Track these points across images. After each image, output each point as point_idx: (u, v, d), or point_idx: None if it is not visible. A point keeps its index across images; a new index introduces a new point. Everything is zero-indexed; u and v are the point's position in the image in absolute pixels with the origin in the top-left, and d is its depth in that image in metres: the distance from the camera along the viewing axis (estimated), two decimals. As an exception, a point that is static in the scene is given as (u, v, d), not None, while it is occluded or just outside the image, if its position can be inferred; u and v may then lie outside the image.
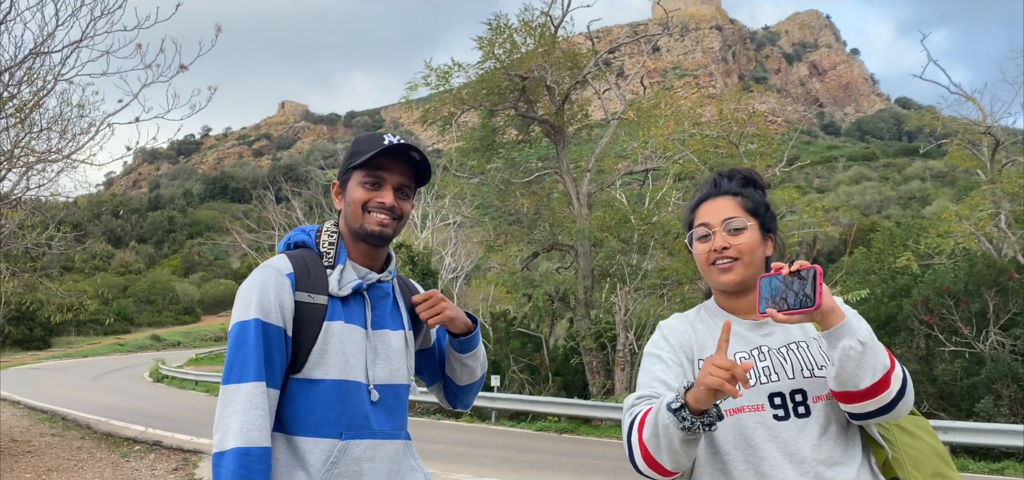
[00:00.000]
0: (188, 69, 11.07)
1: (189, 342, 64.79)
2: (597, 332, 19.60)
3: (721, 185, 2.13)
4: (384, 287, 2.22)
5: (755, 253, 2.04)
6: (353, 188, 2.15)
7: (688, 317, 2.18)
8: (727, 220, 2.04)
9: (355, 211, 2.14)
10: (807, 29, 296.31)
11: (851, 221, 48.76)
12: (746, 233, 2.03)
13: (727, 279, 2.03)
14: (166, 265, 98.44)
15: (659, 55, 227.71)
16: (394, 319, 2.22)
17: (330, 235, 2.19)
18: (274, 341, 1.98)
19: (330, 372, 2.02)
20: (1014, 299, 13.79)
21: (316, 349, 2.03)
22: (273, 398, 1.97)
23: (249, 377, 1.93)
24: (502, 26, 20.25)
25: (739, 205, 2.07)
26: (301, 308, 2.04)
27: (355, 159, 2.14)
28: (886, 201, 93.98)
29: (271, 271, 2.06)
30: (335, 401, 2.02)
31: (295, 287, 2.05)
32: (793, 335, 2.04)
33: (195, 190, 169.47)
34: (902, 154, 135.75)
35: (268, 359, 1.96)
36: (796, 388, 1.95)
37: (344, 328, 2.07)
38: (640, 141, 21.28)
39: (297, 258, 2.13)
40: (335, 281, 2.09)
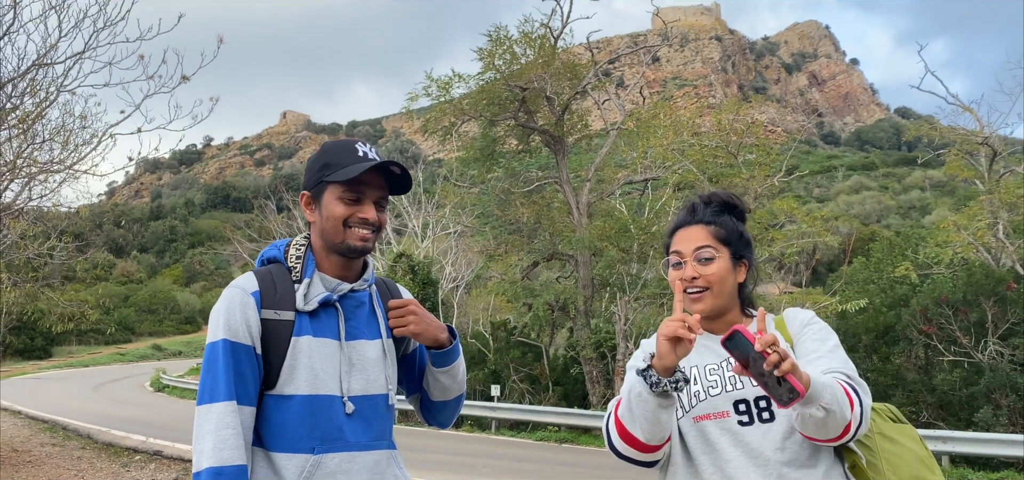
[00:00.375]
0: (190, 80, 11.13)
1: (190, 351, 64.74)
2: (597, 342, 19.62)
3: (697, 213, 2.19)
4: (359, 296, 2.19)
5: (724, 282, 2.12)
6: (331, 203, 2.12)
7: None
8: (698, 249, 2.11)
9: (335, 227, 2.11)
10: (806, 39, 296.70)
11: (851, 230, 48.76)
12: (715, 263, 2.10)
13: (697, 308, 2.10)
14: (167, 275, 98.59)
15: (659, 65, 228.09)
16: (370, 328, 2.19)
17: (298, 249, 2.18)
18: (244, 359, 2.00)
19: (300, 387, 2.03)
20: (1012, 309, 13.82)
21: (286, 365, 2.03)
22: (247, 415, 2.00)
23: (220, 397, 1.95)
24: (502, 37, 20.34)
25: (711, 234, 2.13)
26: (268, 325, 2.05)
27: (330, 172, 2.12)
28: (886, 211, 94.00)
29: (237, 291, 2.07)
30: (306, 416, 2.03)
31: (260, 305, 2.06)
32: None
33: (197, 200, 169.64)
34: (902, 164, 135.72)
35: (239, 377, 1.98)
36: (760, 395, 2.02)
37: (312, 342, 2.06)
38: (640, 151, 21.35)
39: (264, 275, 2.13)
40: (301, 296, 2.08)
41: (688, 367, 2.11)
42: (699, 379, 2.10)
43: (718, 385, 2.06)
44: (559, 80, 20.28)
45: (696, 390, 2.08)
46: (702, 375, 2.11)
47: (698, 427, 2.06)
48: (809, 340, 2.12)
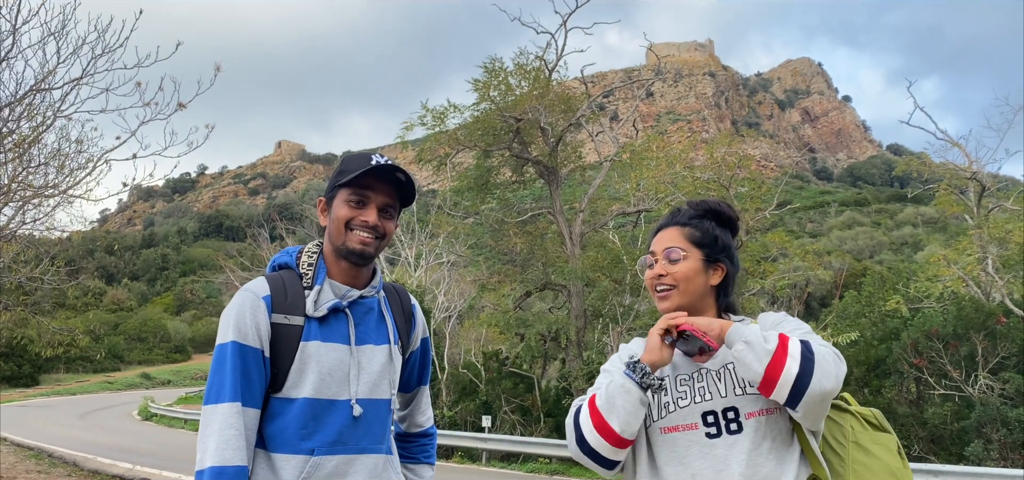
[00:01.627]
0: (186, 107, 11.20)
1: (179, 381, 64.16)
2: (589, 373, 19.56)
3: (676, 216, 2.25)
4: (368, 303, 2.25)
5: (691, 281, 2.15)
6: (338, 205, 2.20)
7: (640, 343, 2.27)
8: (668, 249, 2.17)
9: (338, 228, 2.18)
10: (799, 76, 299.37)
11: (843, 265, 48.91)
12: (683, 262, 2.15)
13: (663, 306, 2.16)
14: (158, 303, 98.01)
15: (653, 100, 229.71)
16: (378, 333, 2.26)
17: (310, 255, 2.25)
18: (252, 362, 2.06)
19: (304, 391, 2.08)
20: (1002, 343, 13.87)
21: (294, 369, 2.09)
22: (251, 417, 2.05)
23: (225, 397, 2.01)
24: (498, 69, 20.53)
25: (684, 235, 2.18)
26: (277, 330, 2.10)
27: (342, 177, 2.20)
28: (878, 246, 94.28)
29: (248, 294, 2.13)
30: (308, 419, 2.08)
31: (271, 309, 2.11)
32: (730, 357, 2.11)
33: (190, 228, 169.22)
34: (894, 200, 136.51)
35: (246, 379, 2.04)
36: (728, 406, 2.04)
37: (321, 347, 2.12)
38: (633, 183, 21.48)
39: (276, 280, 2.19)
40: (311, 302, 2.14)
41: (663, 376, 2.13)
42: (669, 390, 2.12)
43: (687, 396, 2.09)
44: (553, 112, 20.45)
45: (666, 401, 2.10)
46: (673, 386, 2.13)
47: (666, 438, 2.08)
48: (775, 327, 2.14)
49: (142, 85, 11.09)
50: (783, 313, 2.26)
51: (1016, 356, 13.93)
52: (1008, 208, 17.83)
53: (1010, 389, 13.41)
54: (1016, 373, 13.60)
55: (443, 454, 18.82)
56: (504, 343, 25.93)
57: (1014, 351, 13.88)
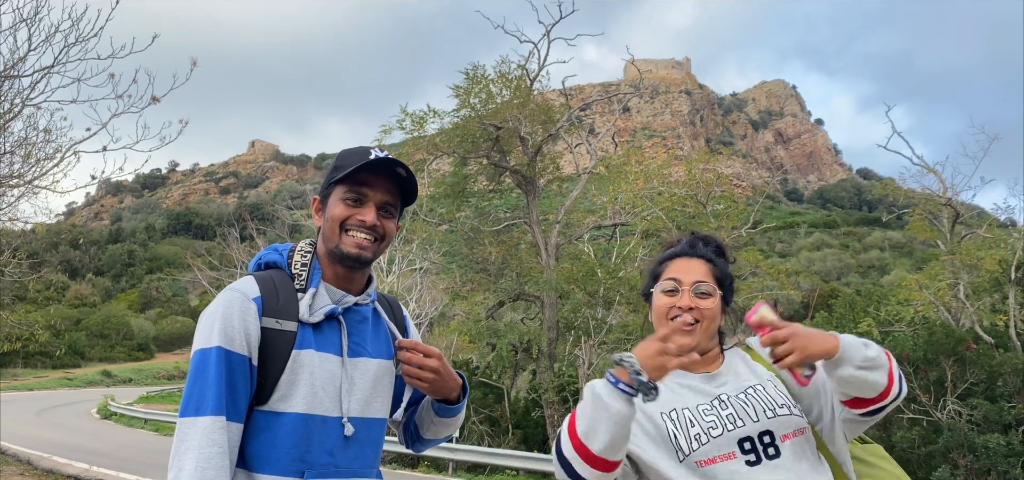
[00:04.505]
0: (160, 101, 10.95)
1: (141, 379, 63.06)
2: (560, 385, 19.48)
3: (697, 248, 2.19)
4: (362, 311, 2.06)
5: (714, 321, 2.10)
6: (333, 204, 2.01)
7: None
8: (698, 282, 2.09)
9: (333, 229, 1.99)
10: (774, 98, 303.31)
11: (813, 286, 49.41)
12: (711, 299, 2.09)
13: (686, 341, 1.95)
14: (123, 299, 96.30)
15: (629, 115, 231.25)
16: (374, 345, 2.06)
17: (303, 255, 2.04)
18: (238, 371, 1.83)
19: (296, 405, 1.87)
20: (971, 369, 13.99)
21: (284, 380, 1.88)
22: (235, 433, 1.82)
23: (207, 410, 1.77)
24: (479, 76, 20.44)
25: (710, 272, 2.13)
26: (268, 335, 1.89)
27: (337, 173, 2.00)
28: (846, 268, 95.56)
29: (236, 294, 1.91)
30: (300, 437, 1.87)
31: (262, 313, 1.90)
32: (747, 380, 2.09)
33: (158, 225, 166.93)
34: (863, 223, 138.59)
35: (231, 391, 1.81)
36: (764, 430, 1.97)
37: (315, 357, 1.92)
38: (610, 196, 21.48)
39: (266, 280, 1.97)
40: (306, 306, 1.93)
41: (680, 408, 2.04)
42: (696, 421, 2.01)
43: (718, 425, 1.99)
44: (533, 122, 20.39)
45: (695, 432, 1.98)
46: (698, 416, 2.02)
47: (705, 471, 1.96)
48: None
49: (115, 77, 10.85)
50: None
51: (984, 383, 14.06)
52: (981, 235, 18.08)
53: (978, 415, 13.51)
54: (984, 399, 13.73)
55: (409, 463, 18.61)
56: (474, 352, 25.76)
57: (982, 378, 14.01)
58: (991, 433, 13.11)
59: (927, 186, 18.42)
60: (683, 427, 1.99)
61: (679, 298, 2.09)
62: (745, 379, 2.09)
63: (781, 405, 2.01)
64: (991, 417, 13.37)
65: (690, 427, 1.99)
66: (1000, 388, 13.83)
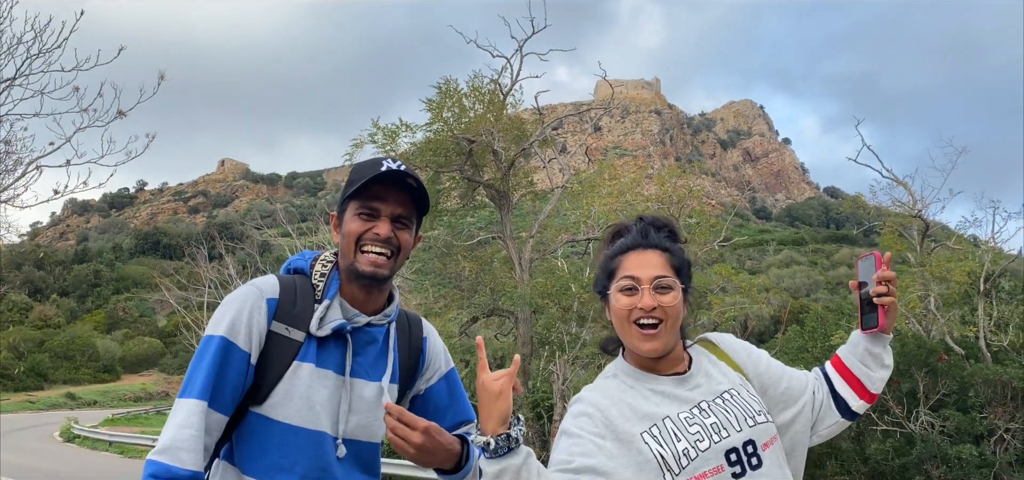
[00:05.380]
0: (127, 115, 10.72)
1: (107, 401, 61.75)
2: (534, 402, 19.35)
3: (649, 236, 2.02)
4: (373, 332, 2.03)
5: (679, 316, 1.96)
6: (348, 220, 2.00)
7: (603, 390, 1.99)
8: (657, 277, 1.94)
9: (349, 245, 1.98)
10: (742, 117, 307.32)
11: (783, 303, 49.88)
12: (673, 293, 1.94)
13: (649, 347, 1.92)
14: (88, 320, 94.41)
15: (600, 134, 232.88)
16: (377, 368, 2.04)
17: (324, 264, 2.04)
18: (234, 364, 1.87)
19: (291, 417, 1.89)
20: (943, 380, 14.11)
21: (281, 387, 1.90)
22: (215, 421, 1.86)
23: (193, 393, 1.84)
24: (452, 90, 20.36)
25: (667, 262, 1.98)
26: (274, 339, 1.92)
27: (350, 188, 1.97)
28: (815, 285, 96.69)
29: (254, 291, 1.95)
30: (292, 448, 1.88)
31: (274, 315, 1.93)
32: (720, 383, 1.99)
33: (125, 245, 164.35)
34: (830, 240, 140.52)
35: (220, 380, 1.85)
36: (747, 439, 1.88)
37: (314, 373, 1.93)
38: (583, 210, 21.49)
39: (288, 284, 1.99)
40: (317, 318, 1.94)
41: (661, 420, 1.89)
42: (681, 433, 1.87)
43: (704, 437, 1.87)
44: (507, 137, 20.35)
45: (682, 447, 1.84)
46: (682, 428, 1.88)
47: None
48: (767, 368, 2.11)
49: (80, 90, 10.60)
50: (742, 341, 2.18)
51: (956, 394, 14.18)
52: (950, 248, 18.33)
53: (950, 426, 13.61)
54: (956, 410, 13.84)
55: (382, 482, 18.32)
56: (448, 370, 25.57)
57: (954, 388, 14.13)
58: (964, 444, 13.20)
59: (897, 199, 18.67)
60: (668, 443, 1.86)
61: (639, 298, 1.93)
62: (718, 382, 1.99)
63: (759, 411, 1.94)
64: (963, 428, 13.48)
65: (676, 441, 1.86)
66: (972, 399, 13.95)
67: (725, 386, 1.98)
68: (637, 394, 1.95)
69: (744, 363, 2.07)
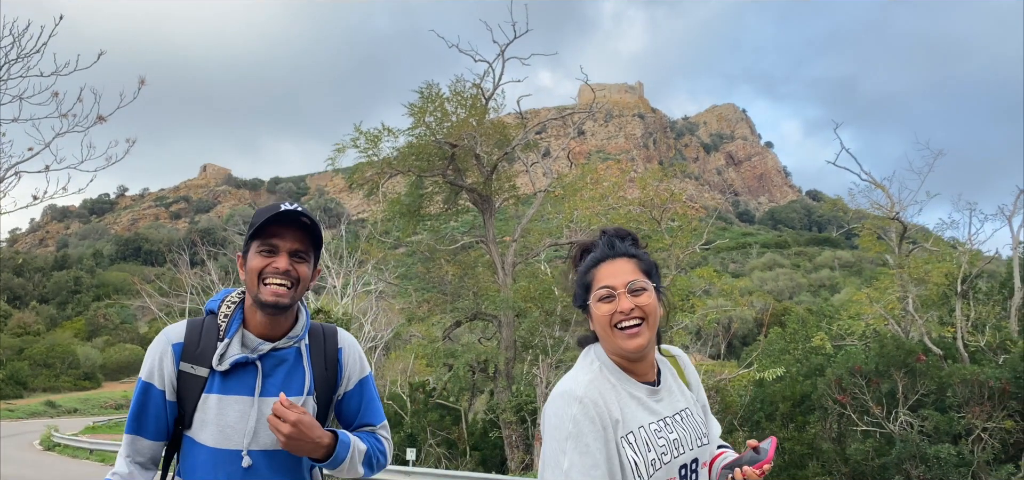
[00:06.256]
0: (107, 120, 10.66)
1: (87, 409, 61.04)
2: (517, 405, 19.37)
3: (616, 247, 2.15)
4: (281, 354, 2.29)
5: (655, 313, 2.10)
6: (251, 257, 2.25)
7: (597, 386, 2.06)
8: (630, 282, 2.07)
9: (252, 280, 2.24)
10: (724, 121, 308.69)
11: (765, 305, 50.18)
12: (647, 294, 2.08)
13: (634, 345, 2.04)
14: (68, 327, 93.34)
15: (584, 138, 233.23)
16: (288, 385, 2.28)
17: (229, 306, 2.33)
18: (153, 401, 2.26)
19: (207, 439, 2.23)
20: (921, 380, 14.25)
21: (197, 415, 2.24)
22: (146, 446, 2.30)
23: (127, 427, 2.30)
24: (434, 95, 20.33)
25: (636, 267, 2.11)
26: (183, 377, 2.25)
27: (251, 229, 2.24)
28: (797, 287, 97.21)
29: (162, 340, 2.29)
30: (211, 465, 2.22)
31: (180, 358, 2.26)
32: (679, 402, 2.17)
33: (106, 251, 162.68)
34: (813, 243, 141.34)
35: (142, 414, 2.27)
36: (694, 457, 2.09)
37: (221, 401, 2.22)
38: (566, 214, 21.52)
39: (194, 327, 2.31)
40: (218, 356, 2.23)
41: (636, 427, 2.01)
42: (652, 445, 2.00)
43: (668, 451, 2.03)
44: (489, 141, 20.35)
45: (652, 458, 1.99)
46: (652, 439, 2.01)
47: None
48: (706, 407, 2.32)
49: (59, 95, 10.52)
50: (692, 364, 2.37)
51: (934, 394, 14.32)
52: (927, 249, 18.53)
53: (928, 426, 13.74)
54: (934, 410, 13.97)
55: (366, 487, 18.24)
56: (431, 374, 25.51)
57: (932, 388, 14.27)
58: (942, 443, 13.34)
59: (875, 201, 18.87)
60: (641, 451, 1.99)
61: (618, 303, 2.06)
62: (677, 401, 2.17)
63: (703, 435, 2.16)
64: (941, 428, 13.61)
65: (648, 451, 2.00)
66: (949, 399, 14.09)
67: (683, 404, 2.16)
68: (621, 394, 2.06)
69: (694, 387, 2.28)
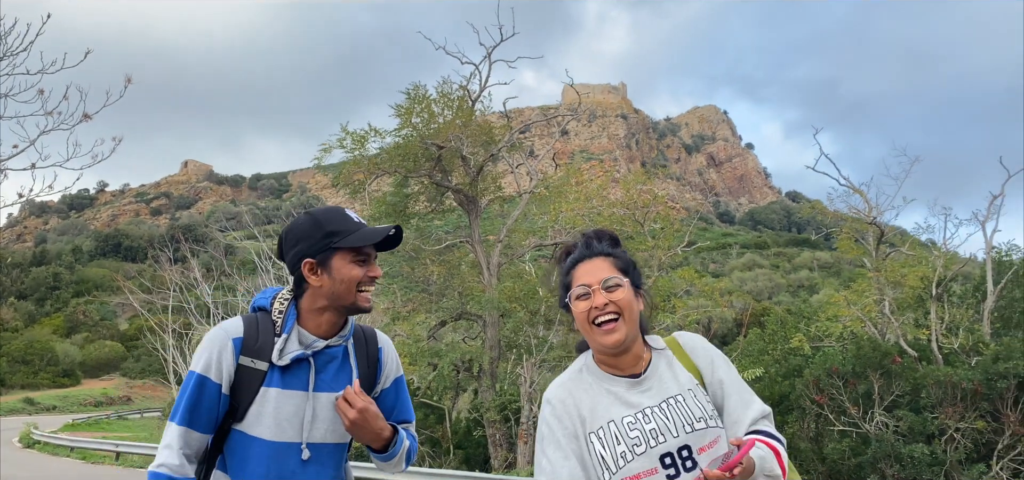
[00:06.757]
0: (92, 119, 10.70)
1: (66, 407, 60.50)
2: (501, 404, 19.51)
3: (593, 247, 2.27)
4: (331, 352, 2.39)
5: (631, 309, 2.18)
6: (344, 266, 2.33)
7: (568, 386, 2.24)
8: (604, 279, 2.18)
9: (349, 289, 2.33)
10: (706, 123, 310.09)
11: (745, 305, 50.56)
12: (621, 290, 2.18)
13: (612, 340, 2.14)
14: (47, 324, 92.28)
15: (568, 138, 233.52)
16: (338, 380, 2.39)
17: (281, 303, 2.39)
18: (208, 394, 2.27)
19: (264, 433, 2.28)
20: (897, 382, 14.55)
21: (253, 409, 2.28)
22: (196, 439, 2.28)
23: (176, 419, 2.26)
24: (421, 96, 20.44)
25: (612, 265, 2.22)
26: (242, 370, 2.29)
27: (338, 239, 2.32)
28: (776, 288, 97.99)
29: (221, 333, 2.31)
30: (265, 457, 2.27)
31: (240, 351, 2.30)
32: (669, 389, 2.17)
33: (86, 247, 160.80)
34: (792, 244, 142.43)
35: (196, 407, 2.26)
36: (682, 444, 2.07)
37: (280, 395, 2.29)
38: (551, 215, 21.68)
39: (251, 323, 2.36)
40: (277, 351, 2.30)
41: (606, 423, 2.12)
42: (621, 438, 2.09)
43: (642, 442, 2.08)
44: (475, 142, 20.47)
45: (621, 450, 2.08)
46: (623, 432, 2.10)
47: None
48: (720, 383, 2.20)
49: (45, 92, 10.55)
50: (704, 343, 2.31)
51: (909, 395, 14.62)
52: (904, 253, 18.88)
53: (903, 426, 14.04)
54: (909, 411, 14.27)
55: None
56: (415, 373, 25.60)
57: (907, 390, 14.57)
58: (916, 443, 13.64)
59: (853, 206, 19.19)
60: (610, 445, 2.09)
61: (593, 299, 2.18)
62: (668, 387, 2.17)
63: (699, 419, 2.10)
64: (916, 428, 13.92)
65: (616, 444, 2.09)
66: (924, 399, 14.40)
67: (673, 391, 2.16)
68: (596, 392, 2.19)
69: (703, 367, 2.24)
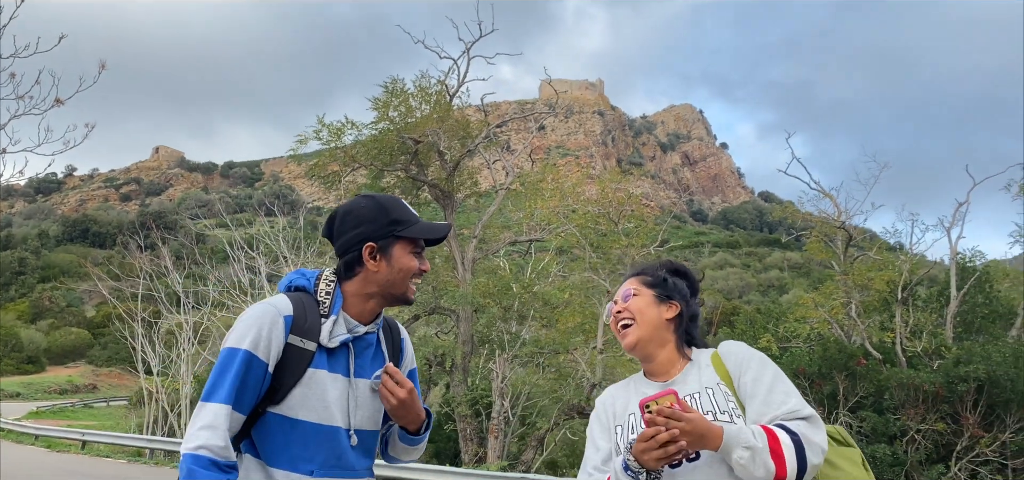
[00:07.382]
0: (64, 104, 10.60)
1: (31, 394, 59.54)
2: (473, 399, 19.59)
3: (636, 268, 2.53)
4: (368, 338, 2.38)
5: (644, 313, 2.36)
6: (404, 256, 2.35)
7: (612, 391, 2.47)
8: (624, 291, 2.43)
9: (404, 278, 2.34)
10: (681, 121, 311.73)
11: (716, 304, 51.02)
12: (636, 298, 2.38)
13: (626, 343, 2.37)
14: (11, 309, 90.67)
15: (544, 134, 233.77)
16: (372, 367, 2.39)
17: (328, 284, 2.35)
18: (254, 373, 2.17)
19: (310, 415, 2.20)
20: (861, 383, 14.86)
21: (298, 390, 2.21)
22: (238, 420, 2.17)
23: (220, 397, 2.13)
24: (398, 89, 20.41)
25: (640, 281, 2.44)
26: (290, 350, 2.22)
27: (401, 227, 2.34)
28: (747, 287, 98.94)
29: (271, 309, 2.24)
30: (311, 441, 2.21)
31: (290, 330, 2.23)
32: (689, 388, 2.26)
33: (52, 232, 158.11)
34: (763, 244, 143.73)
35: (243, 387, 2.16)
36: None
37: (327, 377, 2.25)
38: (527, 211, 21.78)
39: (297, 302, 2.30)
40: (327, 332, 2.27)
41: (627, 414, 2.32)
42: (636, 427, 2.25)
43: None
44: (452, 137, 20.50)
45: (633, 438, 2.20)
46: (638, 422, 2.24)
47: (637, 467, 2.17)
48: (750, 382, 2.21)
49: (16, 77, 10.44)
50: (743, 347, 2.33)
51: (873, 396, 14.93)
52: (871, 257, 19.21)
53: (867, 427, 14.35)
54: (872, 412, 14.59)
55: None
56: (388, 366, 25.56)
57: (871, 391, 14.88)
58: (879, 443, 13.95)
59: (823, 210, 19.49)
60: (626, 433, 2.29)
61: (613, 308, 2.44)
62: (689, 387, 2.25)
63: (707, 411, 2.15)
64: (879, 428, 14.23)
65: (631, 433, 2.26)
66: (887, 401, 14.72)
67: (692, 389, 2.25)
68: (630, 392, 2.39)
69: (732, 369, 2.28)
